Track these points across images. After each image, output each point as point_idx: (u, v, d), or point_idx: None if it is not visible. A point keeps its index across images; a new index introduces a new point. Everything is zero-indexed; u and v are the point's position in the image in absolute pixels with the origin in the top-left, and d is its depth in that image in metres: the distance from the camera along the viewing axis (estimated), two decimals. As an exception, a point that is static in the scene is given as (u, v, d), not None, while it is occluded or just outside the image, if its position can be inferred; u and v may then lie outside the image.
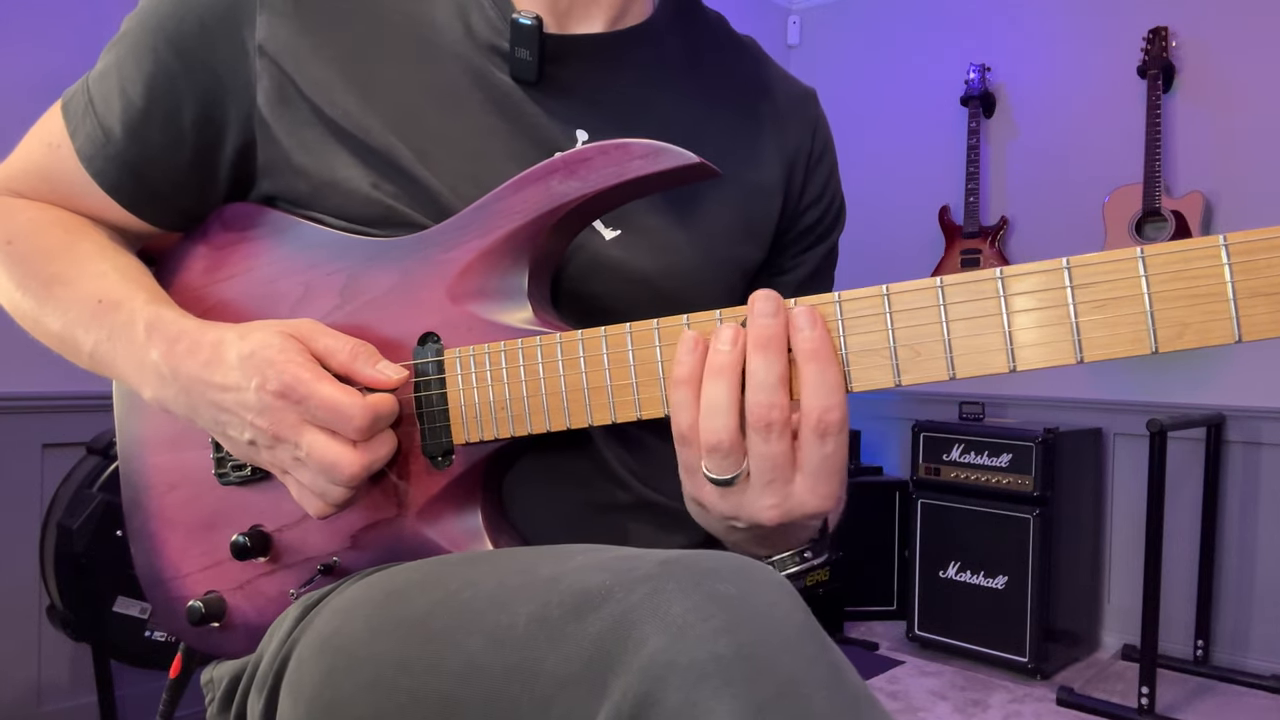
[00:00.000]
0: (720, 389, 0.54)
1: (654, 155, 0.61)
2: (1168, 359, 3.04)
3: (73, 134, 0.75)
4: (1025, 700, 2.68)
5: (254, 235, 0.75)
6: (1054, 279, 0.49)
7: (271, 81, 0.70)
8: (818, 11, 3.98)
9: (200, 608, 0.73)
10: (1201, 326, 0.46)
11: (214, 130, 0.73)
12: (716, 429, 0.54)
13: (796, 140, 0.84)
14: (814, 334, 0.53)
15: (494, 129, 0.71)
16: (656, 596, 0.46)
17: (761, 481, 0.55)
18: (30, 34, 2.01)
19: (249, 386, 0.63)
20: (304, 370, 0.62)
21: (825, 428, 0.53)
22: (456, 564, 0.62)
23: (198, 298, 0.77)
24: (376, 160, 0.69)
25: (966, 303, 0.51)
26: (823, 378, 0.53)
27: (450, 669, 0.52)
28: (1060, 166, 3.28)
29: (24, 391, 2.02)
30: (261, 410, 0.63)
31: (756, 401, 0.53)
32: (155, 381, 0.69)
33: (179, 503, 0.77)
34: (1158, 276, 0.47)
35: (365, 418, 0.61)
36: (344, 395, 0.61)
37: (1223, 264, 0.46)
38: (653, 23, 0.78)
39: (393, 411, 0.64)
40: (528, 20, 0.70)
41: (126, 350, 0.70)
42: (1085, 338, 0.49)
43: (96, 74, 0.75)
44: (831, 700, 0.43)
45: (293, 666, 0.63)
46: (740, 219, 0.78)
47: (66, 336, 0.74)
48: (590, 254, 0.71)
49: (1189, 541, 2.96)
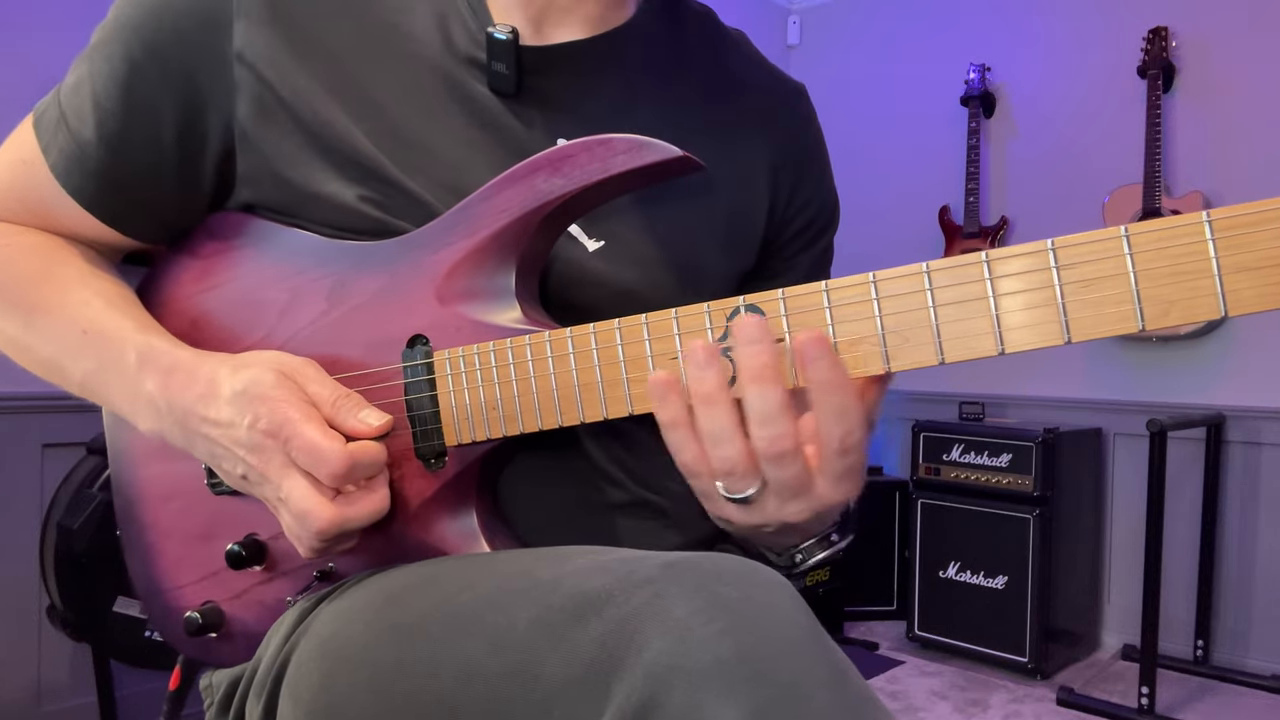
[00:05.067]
0: (717, 416, 0.53)
1: (637, 150, 0.61)
2: (1167, 357, 3.04)
3: (45, 149, 0.73)
4: (1025, 700, 2.68)
5: (238, 243, 0.74)
6: (1039, 260, 0.49)
7: (251, 90, 0.69)
8: (818, 11, 3.98)
9: (198, 618, 0.73)
10: (1187, 303, 0.46)
11: (196, 139, 0.72)
12: (727, 457, 0.53)
13: (785, 140, 0.82)
14: (826, 364, 0.51)
15: (474, 141, 0.70)
16: (659, 600, 0.46)
17: (782, 498, 0.54)
18: (29, 33, 2.02)
19: (241, 424, 0.62)
20: (294, 410, 0.61)
21: (848, 448, 0.52)
22: (454, 566, 0.62)
23: (184, 308, 0.76)
24: (360, 172, 0.69)
25: (953, 287, 0.51)
26: (843, 407, 0.51)
27: (448, 671, 0.52)
28: (1060, 166, 3.28)
29: (24, 391, 2.02)
30: (253, 448, 0.62)
31: (762, 436, 0.52)
32: (150, 414, 0.68)
33: (173, 514, 0.76)
34: (1142, 254, 0.47)
35: (342, 464, 0.60)
36: (325, 440, 0.60)
37: (1207, 240, 0.46)
38: (635, 23, 0.77)
39: (375, 461, 0.63)
40: (503, 34, 0.69)
41: (119, 382, 0.69)
42: (1072, 318, 0.49)
43: (69, 86, 0.73)
44: (834, 701, 0.43)
45: (291, 670, 0.63)
46: (726, 226, 0.77)
47: (53, 365, 0.73)
48: (574, 265, 0.71)
49: (1189, 541, 2.95)
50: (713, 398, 0.53)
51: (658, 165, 0.61)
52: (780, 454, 0.52)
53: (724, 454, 0.53)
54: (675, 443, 0.55)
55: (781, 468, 0.52)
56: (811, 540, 0.63)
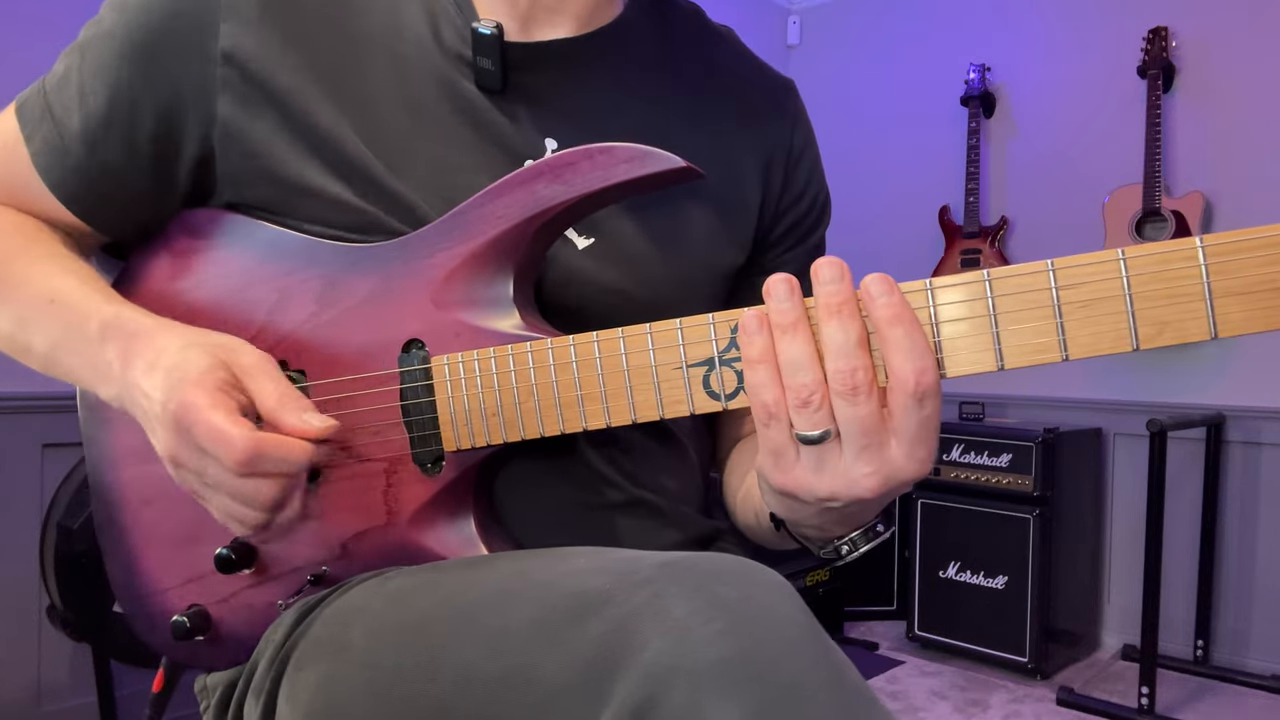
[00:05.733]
0: (798, 343, 0.52)
1: (640, 159, 0.61)
2: (1168, 359, 3.04)
3: (28, 139, 0.74)
4: (1025, 700, 2.68)
5: (223, 241, 0.74)
6: (1039, 280, 0.51)
7: (236, 90, 0.69)
8: (818, 11, 3.98)
9: (185, 623, 0.72)
10: (1179, 325, 0.48)
11: (171, 142, 0.72)
12: (804, 384, 0.52)
13: (775, 136, 0.82)
14: (893, 299, 0.51)
15: (463, 139, 0.70)
16: (658, 600, 0.46)
17: (855, 447, 0.52)
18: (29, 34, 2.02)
19: (157, 399, 0.61)
20: (203, 396, 0.59)
21: (923, 390, 0.51)
22: (454, 569, 0.62)
23: (166, 306, 0.75)
24: (348, 170, 0.69)
25: (956, 304, 0.52)
26: (911, 340, 0.51)
27: (447, 676, 0.52)
28: (1060, 166, 3.28)
29: (24, 391, 2.02)
30: (165, 426, 0.61)
31: (838, 369, 0.51)
32: (108, 381, 0.67)
33: (154, 517, 0.76)
34: (1138, 277, 0.49)
35: (246, 450, 0.57)
36: (229, 425, 0.58)
37: (1199, 265, 0.48)
38: (623, 21, 0.77)
39: (285, 456, 0.60)
40: (487, 30, 0.69)
41: (83, 348, 0.68)
42: (1070, 336, 0.50)
43: (54, 79, 0.74)
44: (834, 701, 0.44)
45: (290, 671, 0.63)
46: (716, 223, 0.77)
47: (18, 336, 0.72)
48: (563, 264, 0.71)
49: (1189, 541, 2.95)
50: (797, 325, 0.53)
51: (660, 175, 0.62)
52: (854, 388, 0.51)
53: (801, 380, 0.52)
54: (757, 381, 0.53)
55: (854, 404, 0.51)
56: (857, 531, 0.62)
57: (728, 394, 0.58)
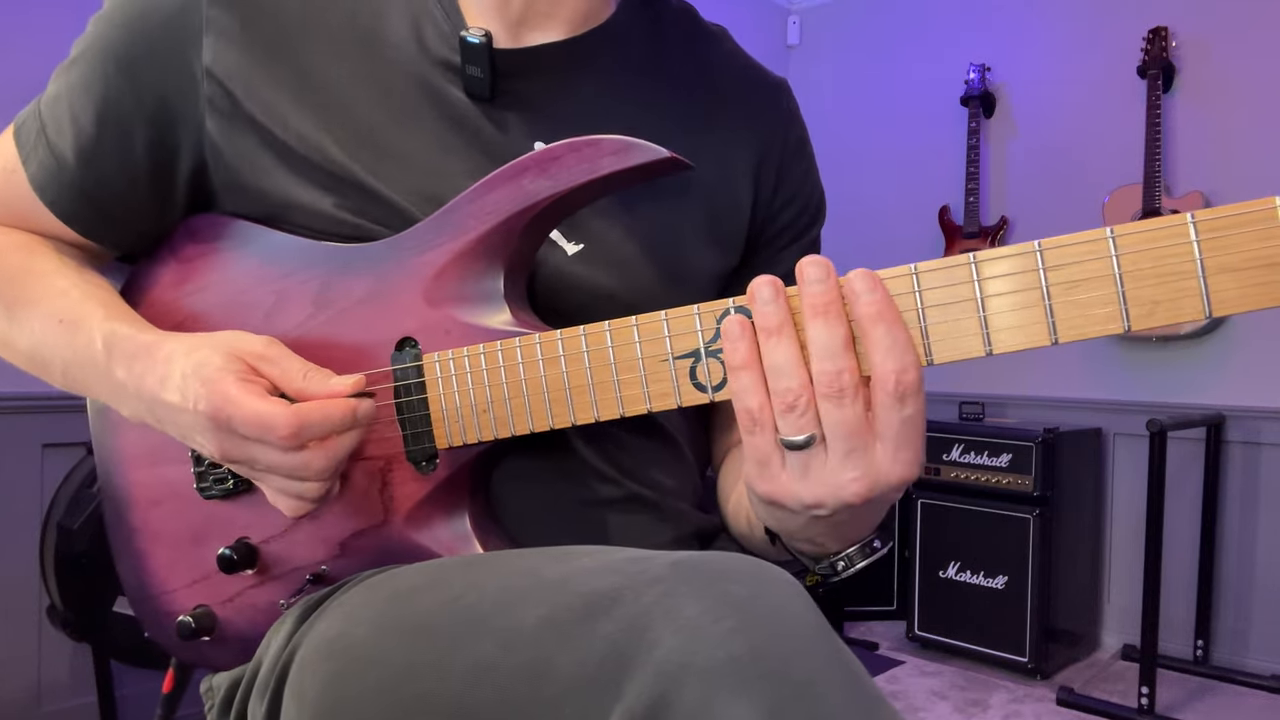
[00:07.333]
0: (783, 347, 0.52)
1: (625, 151, 0.61)
2: (1167, 357, 3.04)
3: (25, 160, 0.74)
4: (1025, 700, 2.68)
5: (222, 246, 0.75)
6: (1027, 262, 0.50)
7: (219, 106, 0.69)
8: (818, 11, 3.98)
9: (190, 623, 0.73)
10: (1172, 304, 0.47)
11: (166, 155, 0.72)
12: (790, 389, 0.52)
13: (768, 137, 0.82)
14: (875, 296, 0.51)
15: (450, 146, 0.70)
16: (669, 598, 0.46)
17: (841, 451, 0.52)
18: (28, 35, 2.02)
19: (188, 407, 0.62)
20: (232, 387, 0.61)
21: (904, 389, 0.50)
22: (459, 567, 0.62)
23: (169, 311, 0.76)
24: (334, 181, 0.69)
25: (941, 288, 0.51)
26: (893, 338, 0.51)
27: (458, 673, 0.52)
28: (1060, 166, 3.28)
29: (24, 391, 2.03)
30: (202, 430, 0.62)
31: (824, 370, 0.51)
32: (126, 401, 0.69)
33: (162, 518, 0.76)
34: (1128, 256, 0.48)
35: (290, 424, 0.60)
36: (266, 405, 0.60)
37: (1191, 241, 0.46)
38: (614, 23, 0.76)
39: (326, 417, 0.62)
40: (476, 38, 0.68)
41: (93, 371, 0.70)
42: (1059, 319, 0.49)
43: (48, 99, 0.74)
44: (847, 700, 0.43)
45: (295, 670, 0.62)
46: (707, 225, 0.77)
47: (36, 359, 0.74)
48: (553, 269, 0.71)
49: (1189, 541, 2.95)
50: (782, 329, 0.53)
51: (645, 166, 0.61)
52: (840, 390, 0.51)
53: (786, 385, 0.52)
54: (741, 388, 0.53)
55: (840, 406, 0.51)
56: (853, 547, 0.61)
57: (714, 385, 0.57)
